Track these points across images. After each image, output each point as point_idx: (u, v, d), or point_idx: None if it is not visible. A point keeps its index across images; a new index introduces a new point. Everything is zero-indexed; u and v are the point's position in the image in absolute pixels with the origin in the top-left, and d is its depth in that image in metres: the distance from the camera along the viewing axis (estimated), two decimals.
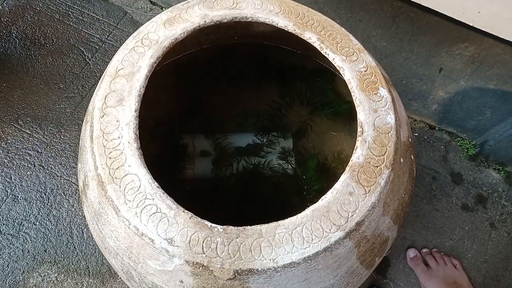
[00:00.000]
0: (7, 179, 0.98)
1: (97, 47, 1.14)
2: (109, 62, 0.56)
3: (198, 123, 0.79)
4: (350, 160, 0.50)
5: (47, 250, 0.91)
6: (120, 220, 0.47)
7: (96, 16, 1.18)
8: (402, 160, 0.53)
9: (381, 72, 0.58)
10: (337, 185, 0.48)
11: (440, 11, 0.73)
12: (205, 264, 0.44)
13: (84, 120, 0.59)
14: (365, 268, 0.54)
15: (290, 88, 0.80)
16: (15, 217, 0.94)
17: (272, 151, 0.77)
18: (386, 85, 0.56)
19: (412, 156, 0.58)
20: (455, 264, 0.93)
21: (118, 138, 0.49)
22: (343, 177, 0.49)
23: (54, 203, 0.96)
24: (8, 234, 0.92)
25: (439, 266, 0.92)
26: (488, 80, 0.89)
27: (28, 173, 0.98)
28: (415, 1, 0.74)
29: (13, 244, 0.92)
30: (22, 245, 0.92)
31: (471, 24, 0.73)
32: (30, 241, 0.92)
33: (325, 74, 0.74)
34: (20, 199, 0.96)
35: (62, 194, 0.97)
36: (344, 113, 0.73)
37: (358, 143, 0.51)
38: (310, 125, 0.77)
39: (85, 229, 0.94)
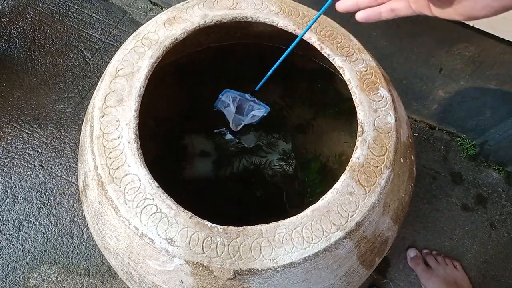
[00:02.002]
0: (7, 179, 0.97)
1: (97, 47, 1.14)
2: (109, 62, 0.56)
3: (198, 123, 0.79)
4: (350, 160, 0.50)
5: (47, 250, 0.91)
6: (120, 220, 0.47)
7: (96, 16, 1.18)
8: (402, 160, 0.53)
9: (381, 72, 0.58)
10: (337, 185, 0.48)
11: None
12: (205, 264, 0.44)
13: (84, 120, 0.59)
14: (365, 268, 0.54)
15: (290, 88, 0.80)
16: (15, 217, 0.94)
17: (272, 151, 0.77)
18: (386, 85, 0.56)
19: (412, 156, 0.58)
20: (455, 265, 0.93)
21: (118, 138, 0.49)
22: (343, 177, 0.49)
23: (54, 203, 0.96)
24: (8, 234, 0.92)
25: (439, 266, 0.92)
26: (488, 80, 0.89)
27: (28, 173, 0.98)
28: None
29: (13, 244, 0.92)
30: (22, 245, 0.92)
31: (471, 24, 0.73)
32: (30, 241, 0.92)
33: (325, 74, 0.74)
34: (20, 199, 0.96)
35: (62, 194, 0.97)
36: (349, 109, 0.73)
37: (358, 143, 0.51)
38: (312, 124, 0.77)
39: (85, 229, 0.94)
